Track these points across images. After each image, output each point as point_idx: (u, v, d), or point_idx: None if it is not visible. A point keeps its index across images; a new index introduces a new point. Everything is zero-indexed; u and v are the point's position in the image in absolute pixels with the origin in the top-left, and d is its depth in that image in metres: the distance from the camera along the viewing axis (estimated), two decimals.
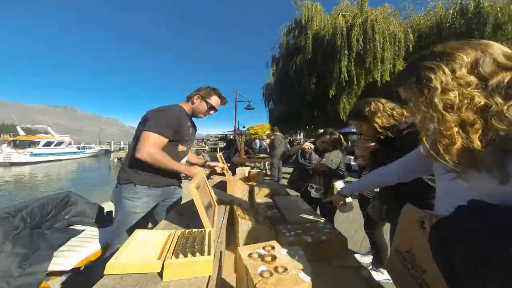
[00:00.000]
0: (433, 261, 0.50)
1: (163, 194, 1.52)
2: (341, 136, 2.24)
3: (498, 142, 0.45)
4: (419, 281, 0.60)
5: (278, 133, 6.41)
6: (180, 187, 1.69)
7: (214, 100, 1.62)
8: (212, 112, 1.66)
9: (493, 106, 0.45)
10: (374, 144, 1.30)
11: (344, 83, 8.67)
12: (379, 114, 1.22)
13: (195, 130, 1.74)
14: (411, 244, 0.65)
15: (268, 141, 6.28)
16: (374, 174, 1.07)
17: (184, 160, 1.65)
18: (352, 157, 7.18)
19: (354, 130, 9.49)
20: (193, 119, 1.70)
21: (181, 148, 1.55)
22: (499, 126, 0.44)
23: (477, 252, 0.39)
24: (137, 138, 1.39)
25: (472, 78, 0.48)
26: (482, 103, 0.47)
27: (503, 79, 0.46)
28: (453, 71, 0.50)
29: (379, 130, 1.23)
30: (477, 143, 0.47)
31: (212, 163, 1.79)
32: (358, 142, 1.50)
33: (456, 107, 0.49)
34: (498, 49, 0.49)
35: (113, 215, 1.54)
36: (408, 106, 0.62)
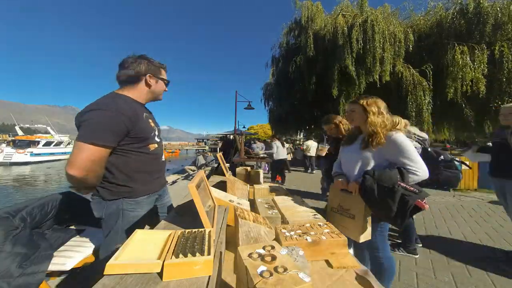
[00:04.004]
0: (351, 203, 1.35)
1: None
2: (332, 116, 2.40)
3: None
4: (347, 215, 1.36)
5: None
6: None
7: (164, 73, 1.36)
8: (166, 88, 1.40)
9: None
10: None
11: (344, 83, 8.65)
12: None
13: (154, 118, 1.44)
14: (338, 201, 1.44)
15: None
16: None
17: (163, 158, 1.45)
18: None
19: None
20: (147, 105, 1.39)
21: (152, 146, 1.30)
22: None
23: (372, 189, 1.20)
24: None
25: None
26: None
27: None
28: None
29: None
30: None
31: None
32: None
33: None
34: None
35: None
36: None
